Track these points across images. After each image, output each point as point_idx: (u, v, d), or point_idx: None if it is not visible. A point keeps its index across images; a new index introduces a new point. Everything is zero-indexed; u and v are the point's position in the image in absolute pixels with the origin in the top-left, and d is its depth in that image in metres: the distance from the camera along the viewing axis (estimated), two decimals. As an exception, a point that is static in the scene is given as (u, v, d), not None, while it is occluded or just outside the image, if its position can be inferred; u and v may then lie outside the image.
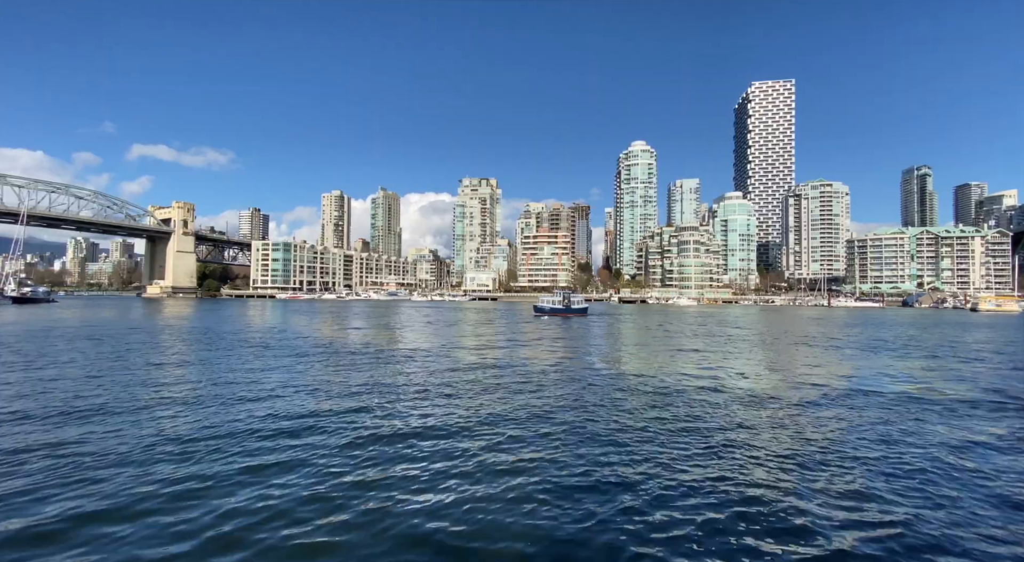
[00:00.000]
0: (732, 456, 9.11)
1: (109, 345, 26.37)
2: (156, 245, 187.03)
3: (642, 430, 10.79)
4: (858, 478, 8.10)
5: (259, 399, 13.59)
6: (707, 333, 38.99)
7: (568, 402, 13.55)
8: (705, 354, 25.23)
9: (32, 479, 7.60)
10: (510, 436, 10.30)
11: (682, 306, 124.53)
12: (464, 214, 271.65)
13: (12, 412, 11.72)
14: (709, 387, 15.86)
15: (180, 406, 12.73)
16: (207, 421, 11.16)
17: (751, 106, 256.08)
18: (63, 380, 16.11)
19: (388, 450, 9.33)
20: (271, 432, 10.37)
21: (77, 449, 9.07)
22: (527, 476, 8.06)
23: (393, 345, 28.57)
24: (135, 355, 22.72)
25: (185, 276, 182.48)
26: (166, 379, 16.90)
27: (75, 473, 7.90)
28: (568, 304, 63.39)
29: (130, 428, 10.53)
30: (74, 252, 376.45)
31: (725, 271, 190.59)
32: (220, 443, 9.57)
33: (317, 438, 10.03)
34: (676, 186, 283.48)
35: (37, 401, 12.89)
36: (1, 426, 10.50)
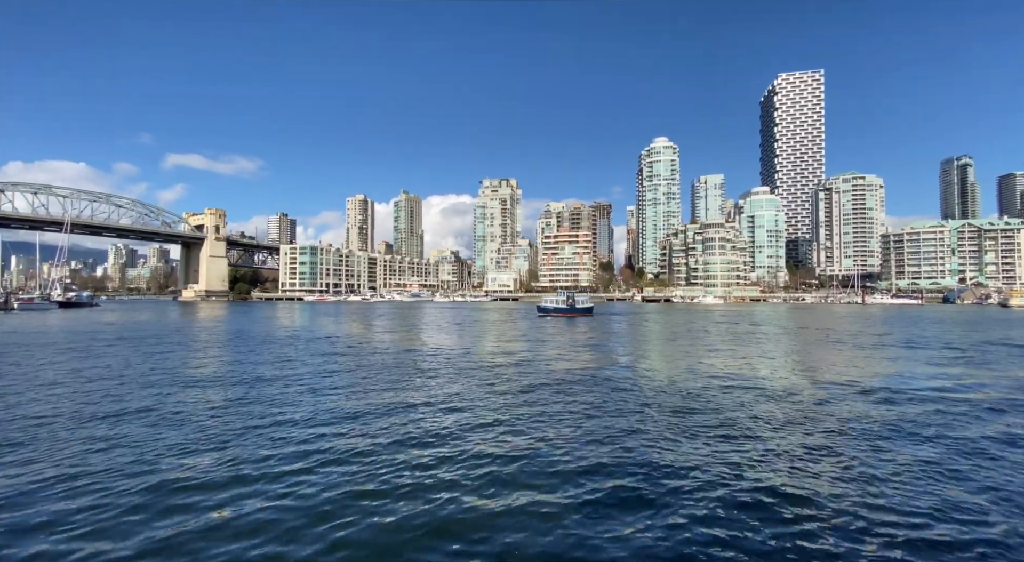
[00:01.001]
0: (771, 461, 8.89)
1: (151, 345, 27.59)
2: (190, 250, 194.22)
3: (676, 434, 10.65)
4: (893, 485, 7.81)
5: (300, 395, 14.01)
6: (734, 332, 38.12)
7: (596, 404, 13.48)
8: (734, 353, 24.70)
9: (107, 457, 8.05)
10: (527, 431, 10.33)
11: (708, 305, 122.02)
12: (484, 215, 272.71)
13: (73, 400, 12.42)
14: (740, 387, 15.52)
15: (220, 402, 13.23)
16: (255, 414, 11.58)
17: (778, 99, 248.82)
18: (107, 379, 16.95)
19: (425, 448, 9.49)
20: (311, 426, 10.68)
21: (139, 432, 9.56)
22: (537, 466, 8.06)
23: (419, 344, 28.97)
24: (177, 354, 23.71)
25: (218, 280, 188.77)
26: (205, 376, 17.58)
27: (138, 452, 8.33)
28: (572, 304, 62.44)
29: (178, 422, 11.02)
30: (115, 258, 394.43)
31: (752, 268, 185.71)
32: (276, 432, 9.91)
33: (354, 435, 10.26)
34: (700, 182, 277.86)
35: (84, 395, 13.62)
36: (72, 409, 11.15)
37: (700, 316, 64.97)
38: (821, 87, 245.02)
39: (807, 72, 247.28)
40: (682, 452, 9.10)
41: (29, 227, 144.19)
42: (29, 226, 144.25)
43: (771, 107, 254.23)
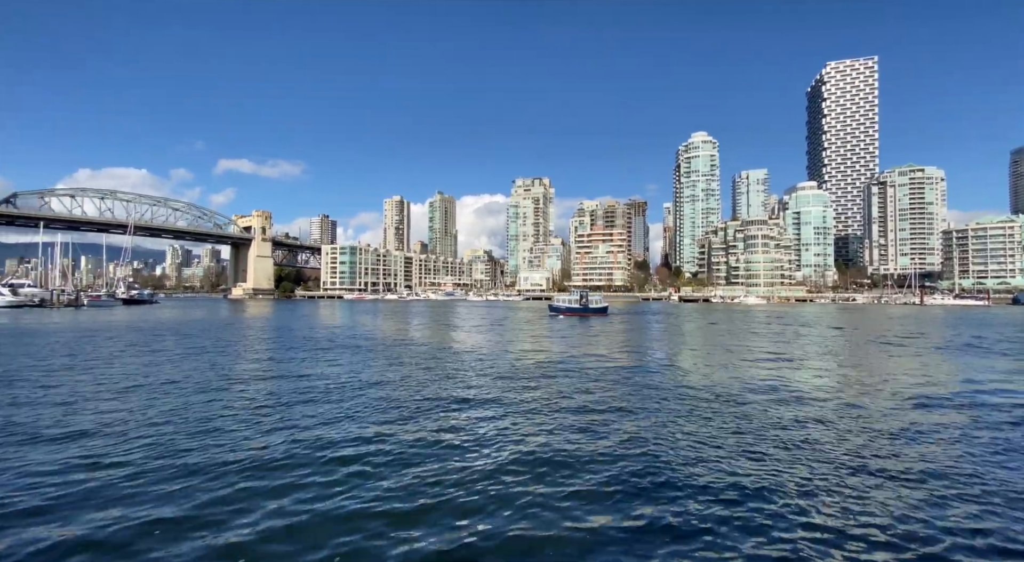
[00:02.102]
0: (823, 483, 8.53)
1: (208, 340, 29.34)
2: (239, 250, 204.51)
3: (715, 441, 10.39)
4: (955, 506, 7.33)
5: (344, 388, 14.59)
6: (779, 333, 36.61)
7: (627, 405, 13.32)
8: (781, 356, 23.75)
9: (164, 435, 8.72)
10: (553, 430, 10.32)
11: (750, 305, 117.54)
12: (517, 214, 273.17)
13: (143, 387, 13.44)
14: (788, 395, 14.93)
15: (268, 395, 13.95)
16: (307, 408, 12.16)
17: (826, 89, 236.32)
18: (169, 364, 18.17)
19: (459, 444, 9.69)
20: (353, 421, 11.12)
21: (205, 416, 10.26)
22: (564, 474, 8.05)
23: (455, 342, 29.44)
24: (232, 348, 25.12)
25: (264, 279, 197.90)
26: (258, 367, 18.55)
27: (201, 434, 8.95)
28: (585, 303, 60.13)
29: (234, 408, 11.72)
30: (172, 258, 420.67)
31: (798, 267, 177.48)
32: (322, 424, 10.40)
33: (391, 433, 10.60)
34: (741, 178, 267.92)
35: (147, 380, 14.69)
36: (140, 394, 12.10)
37: (741, 317, 62.71)
38: (875, 75, 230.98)
39: (859, 59, 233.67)
40: (711, 466, 8.86)
41: (97, 230, 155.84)
42: (97, 229, 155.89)
43: (819, 98, 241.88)
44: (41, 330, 36.27)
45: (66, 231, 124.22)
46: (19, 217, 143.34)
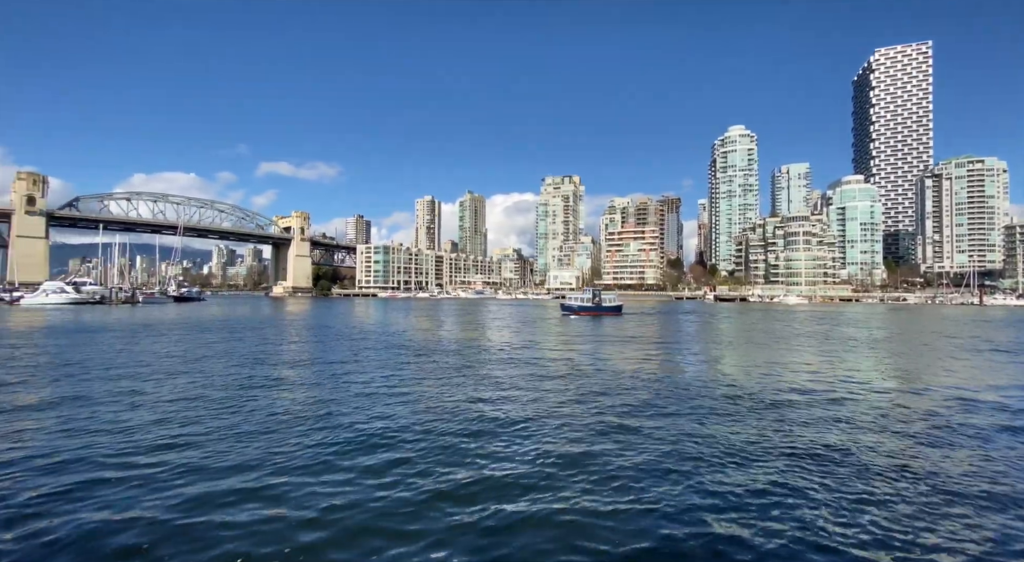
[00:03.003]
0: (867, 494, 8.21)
1: (255, 334, 30.82)
2: (280, 250, 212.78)
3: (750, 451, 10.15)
4: None
5: (378, 382, 15.08)
6: (821, 334, 35.11)
7: (654, 408, 13.16)
8: (827, 360, 22.82)
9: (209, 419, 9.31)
10: (578, 428, 10.32)
11: (790, 305, 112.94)
12: (547, 213, 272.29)
13: (201, 378, 14.34)
14: (831, 399, 14.37)
15: (305, 386, 14.56)
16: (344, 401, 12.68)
17: (875, 77, 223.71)
18: (219, 358, 19.22)
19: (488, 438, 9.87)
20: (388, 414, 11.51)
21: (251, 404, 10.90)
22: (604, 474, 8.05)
23: (484, 339, 29.76)
24: (275, 343, 26.32)
25: (303, 277, 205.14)
26: (298, 360, 19.39)
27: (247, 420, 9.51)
28: (598, 302, 58.52)
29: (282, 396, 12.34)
30: (218, 258, 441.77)
31: (843, 265, 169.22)
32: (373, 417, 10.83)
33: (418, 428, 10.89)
34: (781, 172, 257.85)
35: (202, 371, 15.62)
36: (192, 382, 12.94)
37: (781, 317, 60.40)
38: (928, 61, 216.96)
39: (911, 45, 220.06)
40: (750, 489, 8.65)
41: (151, 231, 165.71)
42: (151, 230, 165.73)
43: (866, 86, 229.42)
44: (104, 326, 38.95)
45: (123, 232, 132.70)
46: (81, 219, 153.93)
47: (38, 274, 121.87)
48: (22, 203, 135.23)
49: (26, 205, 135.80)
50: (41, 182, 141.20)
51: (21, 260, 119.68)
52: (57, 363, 19.08)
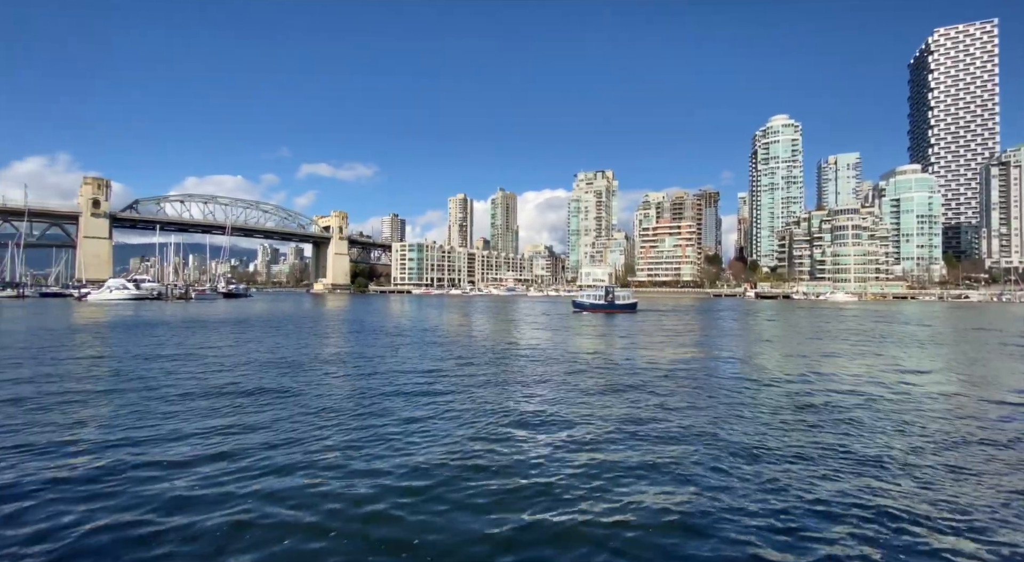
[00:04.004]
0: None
1: (302, 327, 32.19)
2: (320, 248, 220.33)
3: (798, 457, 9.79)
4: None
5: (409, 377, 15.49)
6: (875, 334, 33.26)
7: (695, 414, 12.87)
8: (877, 359, 21.65)
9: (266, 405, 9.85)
10: (607, 429, 10.21)
11: (837, 302, 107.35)
12: (579, 209, 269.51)
13: (252, 364, 15.18)
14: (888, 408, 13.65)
15: (344, 377, 15.11)
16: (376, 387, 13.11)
17: (933, 59, 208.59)
18: (266, 350, 20.21)
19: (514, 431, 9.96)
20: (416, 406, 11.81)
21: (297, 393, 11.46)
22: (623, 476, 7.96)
23: (512, 336, 29.90)
24: (318, 337, 27.43)
25: (341, 274, 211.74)
26: (338, 353, 20.14)
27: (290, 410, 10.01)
28: (612, 300, 56.95)
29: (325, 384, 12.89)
30: (262, 256, 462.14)
31: (897, 260, 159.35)
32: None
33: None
34: (828, 163, 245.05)
35: (253, 360, 16.49)
36: (248, 370, 13.71)
37: (827, 316, 57.51)
38: (994, 40, 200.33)
39: (974, 24, 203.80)
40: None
41: (202, 231, 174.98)
42: (202, 230, 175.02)
43: (923, 70, 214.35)
44: (162, 320, 41.58)
45: (177, 233, 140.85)
46: (140, 221, 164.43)
47: (103, 272, 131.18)
48: (88, 206, 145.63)
49: (92, 208, 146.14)
50: (105, 186, 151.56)
51: (88, 259, 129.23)
52: (131, 355, 20.57)
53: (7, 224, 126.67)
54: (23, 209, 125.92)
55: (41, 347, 22.21)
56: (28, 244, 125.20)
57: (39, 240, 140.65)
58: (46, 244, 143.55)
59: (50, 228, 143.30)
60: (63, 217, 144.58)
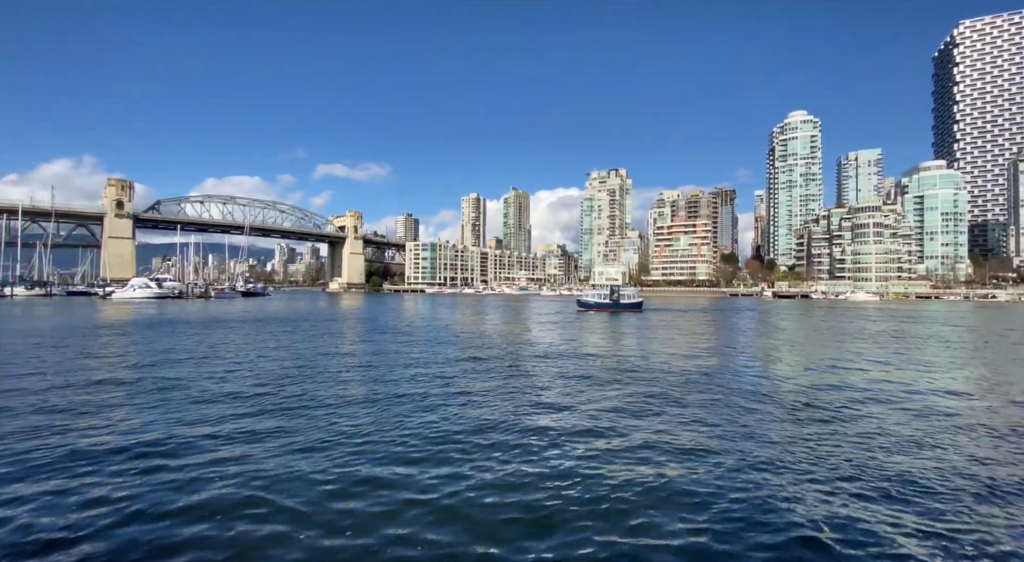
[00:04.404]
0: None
1: (319, 326, 32.68)
2: (335, 248, 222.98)
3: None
4: None
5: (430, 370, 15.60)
6: (896, 334, 32.49)
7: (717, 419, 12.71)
8: (900, 361, 21.15)
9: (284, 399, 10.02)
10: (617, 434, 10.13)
11: (858, 302, 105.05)
12: (592, 207, 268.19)
13: (278, 360, 15.47)
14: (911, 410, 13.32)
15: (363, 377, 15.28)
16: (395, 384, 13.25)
17: (959, 52, 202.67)
18: (290, 347, 20.56)
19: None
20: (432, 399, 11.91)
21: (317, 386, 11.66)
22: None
23: (525, 335, 29.91)
24: (334, 335, 27.80)
25: (356, 274, 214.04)
26: (349, 354, 20.39)
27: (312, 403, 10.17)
28: (617, 298, 55.81)
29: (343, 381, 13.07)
30: (279, 256, 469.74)
31: (920, 259, 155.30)
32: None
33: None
34: (848, 160, 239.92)
35: (279, 355, 16.79)
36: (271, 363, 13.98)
37: (848, 316, 56.33)
38: (1021, 32, 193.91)
39: (1001, 15, 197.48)
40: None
41: (220, 231, 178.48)
42: (220, 230, 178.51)
43: (949, 63, 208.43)
44: (183, 318, 42.54)
45: (197, 233, 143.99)
46: (162, 221, 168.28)
47: (126, 271, 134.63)
48: (112, 207, 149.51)
49: (115, 209, 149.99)
50: (128, 188, 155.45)
51: (112, 259, 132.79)
52: (155, 351, 21.12)
53: (35, 225, 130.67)
54: (50, 210, 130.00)
55: (69, 343, 22.92)
56: (55, 244, 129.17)
57: (66, 240, 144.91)
58: (72, 244, 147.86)
59: (76, 228, 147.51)
60: (88, 218, 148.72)
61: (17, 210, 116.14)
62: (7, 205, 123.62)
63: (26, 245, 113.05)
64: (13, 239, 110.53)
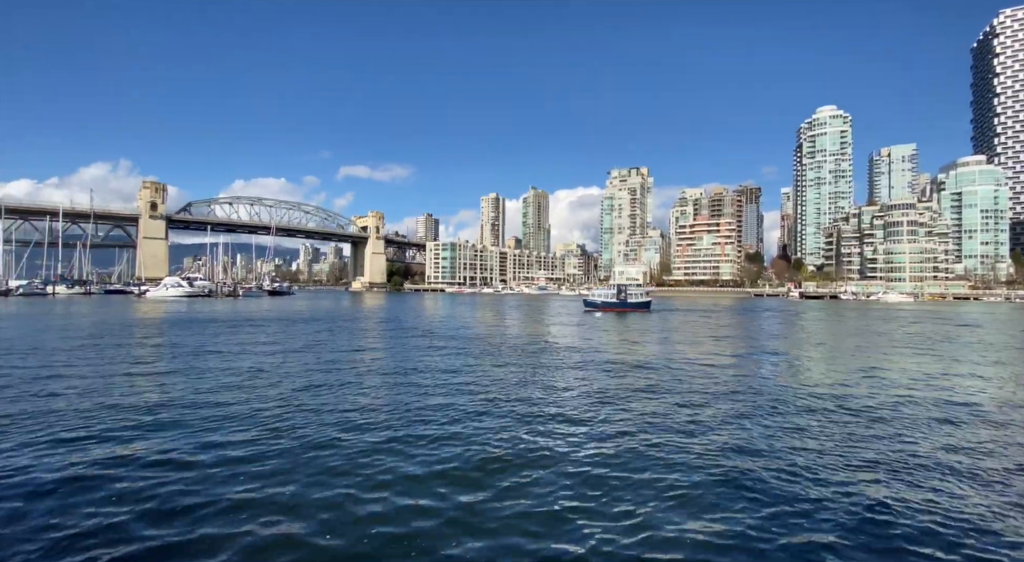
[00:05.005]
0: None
1: (345, 325, 33.33)
2: (357, 248, 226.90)
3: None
4: None
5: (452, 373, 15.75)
6: (936, 337, 31.21)
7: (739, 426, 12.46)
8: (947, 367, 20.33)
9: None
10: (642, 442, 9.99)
11: (891, 303, 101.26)
12: (612, 206, 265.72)
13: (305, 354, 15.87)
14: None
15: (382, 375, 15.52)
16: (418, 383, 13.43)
17: (999, 42, 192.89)
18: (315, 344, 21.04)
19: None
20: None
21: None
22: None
23: (546, 336, 29.84)
24: (357, 334, 28.32)
25: (378, 273, 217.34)
26: (371, 354, 20.73)
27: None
28: (624, 298, 55.02)
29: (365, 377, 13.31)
30: (304, 255, 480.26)
31: (958, 259, 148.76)
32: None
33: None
34: (881, 155, 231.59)
35: (307, 351, 17.21)
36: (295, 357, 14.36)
37: (882, 317, 54.34)
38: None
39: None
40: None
41: (248, 231, 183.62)
42: (248, 231, 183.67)
43: (988, 54, 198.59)
44: (215, 316, 43.91)
45: (226, 233, 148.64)
46: (193, 222, 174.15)
47: (160, 271, 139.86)
48: (147, 209, 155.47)
49: (150, 210, 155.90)
50: (161, 190, 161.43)
51: (146, 258, 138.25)
52: (187, 348, 21.92)
53: (75, 226, 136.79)
54: (89, 212, 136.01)
55: (111, 339, 23.96)
56: (94, 244, 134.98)
57: (103, 241, 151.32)
58: (109, 244, 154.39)
59: (113, 229, 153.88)
60: (124, 219, 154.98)
61: (59, 212, 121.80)
62: (49, 207, 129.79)
63: (67, 245, 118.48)
64: (55, 240, 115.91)
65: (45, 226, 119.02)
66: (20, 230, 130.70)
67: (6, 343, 22.05)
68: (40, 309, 50.70)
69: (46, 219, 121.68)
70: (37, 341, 22.96)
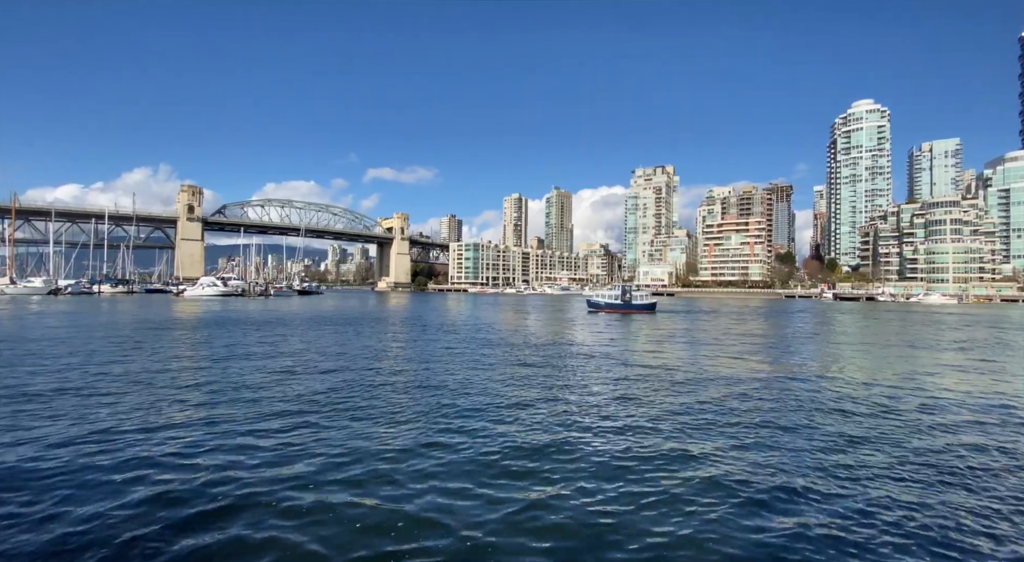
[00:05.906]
0: None
1: (371, 324, 34.10)
2: (383, 249, 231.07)
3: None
4: None
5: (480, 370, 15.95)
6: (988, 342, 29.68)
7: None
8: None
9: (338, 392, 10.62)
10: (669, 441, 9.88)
11: (932, 305, 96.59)
12: (637, 206, 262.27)
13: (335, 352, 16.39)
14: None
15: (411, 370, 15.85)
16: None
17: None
18: (346, 343, 21.63)
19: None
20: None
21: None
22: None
23: (570, 335, 29.75)
24: (388, 332, 28.93)
25: (403, 273, 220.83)
26: (399, 350, 21.14)
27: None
28: (628, 299, 53.64)
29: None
30: (332, 256, 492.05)
31: (1006, 259, 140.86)
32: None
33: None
34: (922, 151, 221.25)
35: (338, 350, 17.75)
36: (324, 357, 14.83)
37: (926, 321, 51.89)
38: None
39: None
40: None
41: (279, 233, 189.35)
42: (279, 232, 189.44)
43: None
44: (248, 315, 45.48)
45: (258, 234, 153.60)
46: (227, 224, 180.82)
47: (196, 271, 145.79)
48: (184, 211, 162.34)
49: (187, 213, 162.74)
50: (198, 193, 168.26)
51: (184, 259, 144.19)
52: (224, 346, 22.85)
53: (119, 228, 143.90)
54: (131, 215, 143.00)
55: (154, 336, 25.20)
56: (136, 246, 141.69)
57: (145, 242, 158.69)
58: (150, 245, 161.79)
59: (154, 231, 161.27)
60: (164, 221, 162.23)
61: (104, 215, 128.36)
62: (95, 211, 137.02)
63: (111, 246, 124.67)
64: (100, 241, 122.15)
65: (91, 228, 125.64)
66: (69, 232, 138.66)
67: (62, 340, 23.46)
68: (88, 307, 53.56)
69: (92, 222, 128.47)
70: (88, 338, 24.33)
